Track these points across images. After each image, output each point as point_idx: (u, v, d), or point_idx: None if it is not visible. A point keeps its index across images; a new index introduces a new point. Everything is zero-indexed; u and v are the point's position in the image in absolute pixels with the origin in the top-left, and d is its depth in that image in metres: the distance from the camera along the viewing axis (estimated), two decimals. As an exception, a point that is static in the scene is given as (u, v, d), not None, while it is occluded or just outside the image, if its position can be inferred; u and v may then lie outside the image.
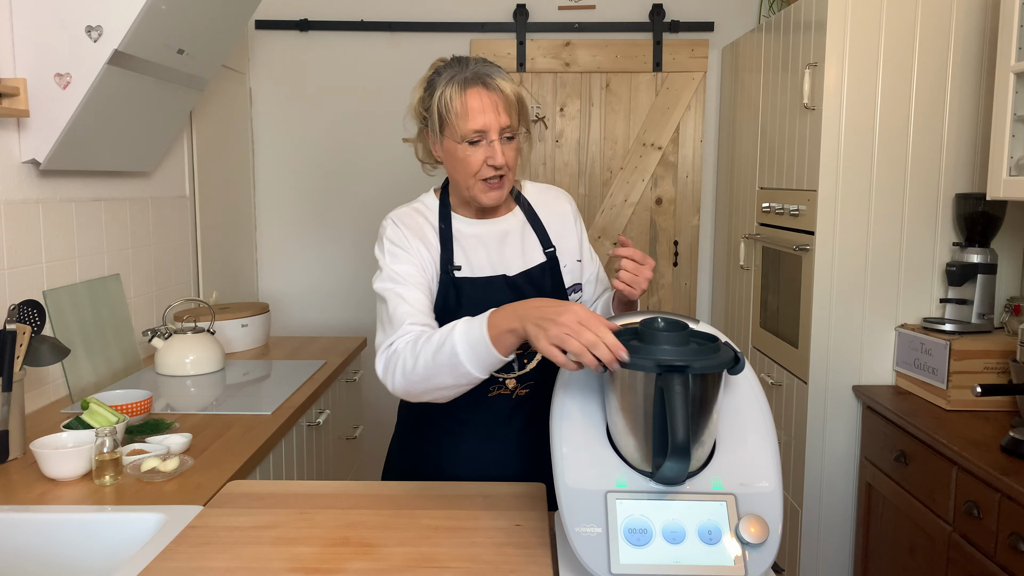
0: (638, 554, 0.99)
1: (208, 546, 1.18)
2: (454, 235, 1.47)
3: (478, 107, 1.35)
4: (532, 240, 1.50)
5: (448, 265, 1.44)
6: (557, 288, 1.49)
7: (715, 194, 3.52)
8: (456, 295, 1.43)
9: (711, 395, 1.03)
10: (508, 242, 1.49)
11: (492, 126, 1.36)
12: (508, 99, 1.37)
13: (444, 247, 1.45)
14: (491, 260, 1.46)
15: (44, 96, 1.92)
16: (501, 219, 1.51)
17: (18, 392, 1.60)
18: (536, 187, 1.58)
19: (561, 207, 1.56)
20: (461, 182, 1.42)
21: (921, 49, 2.22)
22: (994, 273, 2.16)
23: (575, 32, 3.40)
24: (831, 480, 2.38)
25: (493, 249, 1.47)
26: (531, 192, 1.56)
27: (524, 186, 1.57)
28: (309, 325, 3.58)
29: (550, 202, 1.56)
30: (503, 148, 1.37)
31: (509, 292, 1.44)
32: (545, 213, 1.54)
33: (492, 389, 1.47)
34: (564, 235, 1.54)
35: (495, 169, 1.38)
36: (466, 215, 1.49)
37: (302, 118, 3.49)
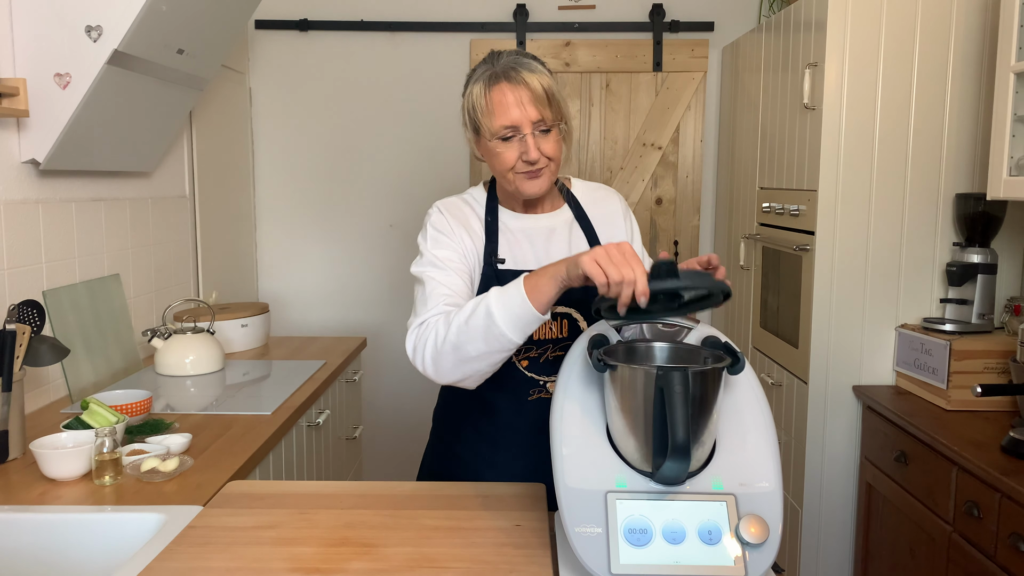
0: (638, 554, 0.99)
1: (208, 546, 1.18)
2: (500, 228, 1.45)
3: (504, 103, 1.32)
4: (580, 238, 1.47)
5: (492, 257, 1.42)
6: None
7: (715, 194, 3.52)
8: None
9: (711, 395, 1.03)
10: (555, 239, 1.46)
11: (522, 121, 1.32)
12: (535, 92, 1.32)
13: (489, 239, 1.43)
14: (536, 255, 1.43)
15: (44, 96, 1.92)
16: (548, 215, 1.48)
17: (18, 392, 1.60)
18: (586, 185, 1.55)
19: (611, 205, 1.53)
20: (502, 177, 1.39)
21: (921, 49, 2.22)
22: (994, 273, 2.16)
23: (575, 32, 3.40)
24: (831, 480, 2.38)
25: (539, 245, 1.45)
26: (580, 190, 1.53)
27: (573, 183, 1.54)
28: (309, 325, 3.58)
29: (600, 200, 1.53)
30: (538, 141, 1.33)
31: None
32: (594, 211, 1.51)
33: (532, 393, 1.44)
34: (613, 235, 1.50)
35: (530, 164, 1.35)
36: (513, 209, 1.47)
37: (302, 118, 3.49)
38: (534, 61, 1.36)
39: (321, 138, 3.50)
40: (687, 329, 1.19)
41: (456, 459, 1.53)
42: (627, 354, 1.14)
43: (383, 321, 3.54)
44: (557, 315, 1.42)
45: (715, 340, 1.12)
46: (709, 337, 1.14)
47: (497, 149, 1.35)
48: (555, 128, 1.36)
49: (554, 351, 1.44)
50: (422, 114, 3.46)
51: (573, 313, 1.42)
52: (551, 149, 1.36)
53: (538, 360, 1.44)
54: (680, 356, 1.14)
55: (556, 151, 1.37)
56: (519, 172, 1.36)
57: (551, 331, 1.42)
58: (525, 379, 1.44)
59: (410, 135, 3.48)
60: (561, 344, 1.43)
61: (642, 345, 1.16)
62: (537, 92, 1.32)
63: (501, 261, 1.42)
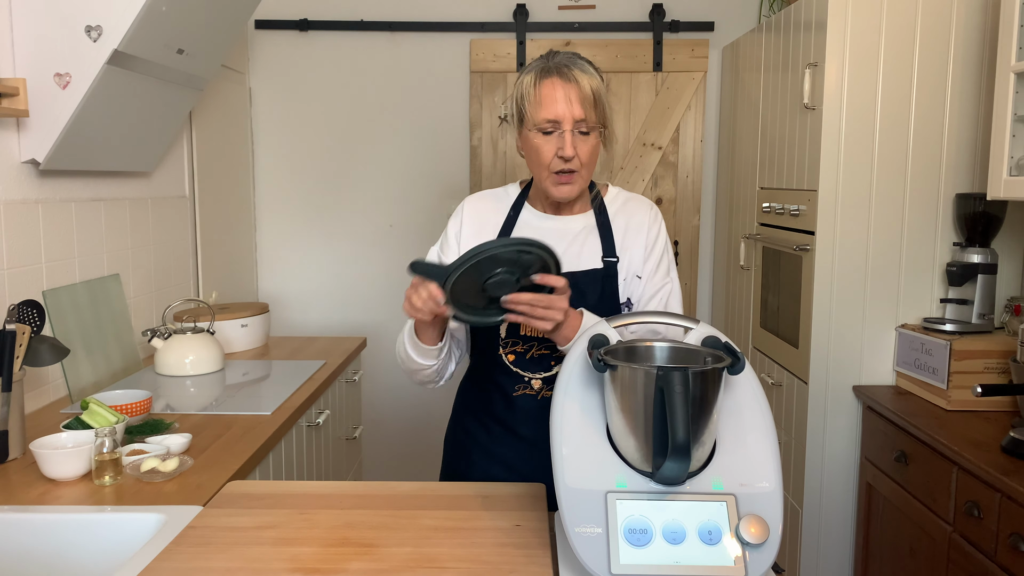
0: (638, 554, 0.99)
1: (208, 546, 1.18)
2: (518, 224, 1.49)
3: (552, 96, 1.35)
4: (593, 245, 1.46)
5: None
6: (609, 298, 1.44)
7: (715, 194, 3.52)
8: None
9: (711, 395, 1.03)
10: (570, 242, 1.46)
11: (565, 116, 1.35)
12: (584, 92, 1.35)
13: (503, 232, 1.48)
14: None
15: (44, 96, 1.92)
16: (572, 218, 1.49)
17: (18, 392, 1.59)
18: (623, 195, 1.53)
19: (638, 218, 1.49)
20: (536, 173, 1.43)
21: (921, 49, 2.22)
22: (994, 273, 2.16)
23: (575, 32, 3.40)
24: (831, 480, 2.38)
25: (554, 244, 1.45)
26: (614, 198, 1.52)
27: (609, 191, 1.53)
28: (309, 325, 3.58)
29: (630, 211, 1.50)
30: (575, 141, 1.36)
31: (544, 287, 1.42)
32: (620, 221, 1.49)
33: (517, 388, 1.47)
34: (632, 247, 1.47)
35: (565, 161, 1.36)
36: (539, 209, 1.50)
37: (302, 118, 3.49)
38: (588, 64, 1.39)
39: (321, 138, 3.49)
40: (687, 329, 1.19)
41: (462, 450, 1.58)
42: (627, 354, 1.14)
43: (383, 321, 3.54)
44: None
45: (715, 340, 1.12)
46: (709, 337, 1.14)
47: (536, 141, 1.38)
48: (595, 132, 1.38)
49: (539, 349, 1.45)
50: (422, 114, 3.46)
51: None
52: (586, 152, 1.38)
53: (524, 356, 1.46)
54: (680, 356, 1.14)
55: (591, 156, 1.39)
56: (553, 172, 1.39)
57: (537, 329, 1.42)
58: (511, 374, 1.47)
59: (410, 135, 3.48)
60: (546, 343, 1.44)
61: (642, 345, 1.16)
62: (585, 91, 1.35)
63: None
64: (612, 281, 1.45)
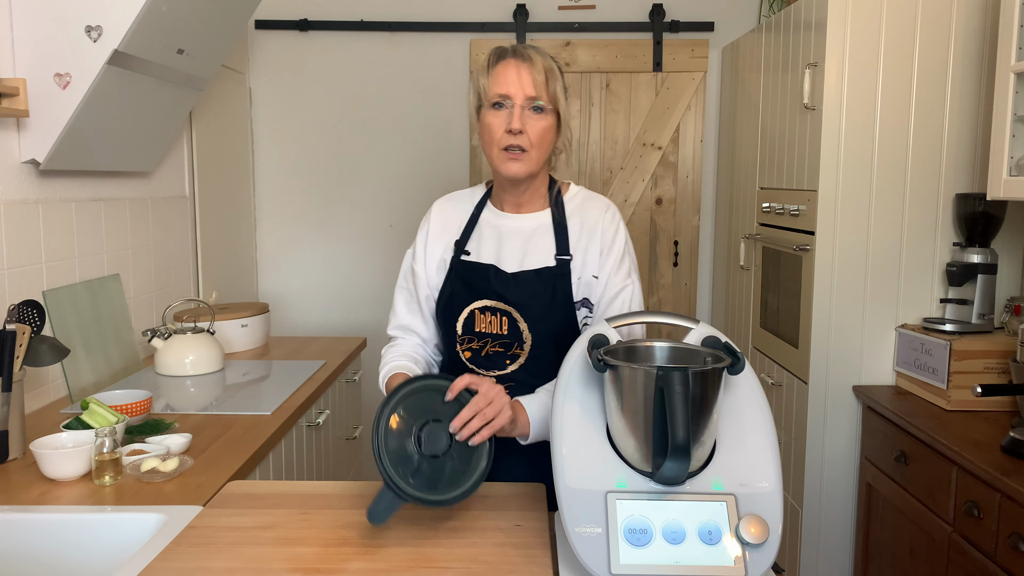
0: (638, 554, 0.99)
1: (208, 546, 1.18)
2: (479, 223, 1.51)
3: (505, 74, 1.38)
4: (547, 242, 1.46)
5: (459, 248, 1.49)
6: (562, 296, 1.43)
7: (715, 194, 3.52)
8: (455, 277, 1.48)
9: (711, 395, 1.03)
10: (524, 239, 1.47)
11: (516, 92, 1.37)
12: (536, 70, 1.37)
13: (465, 231, 1.50)
14: (497, 251, 1.46)
15: (44, 96, 1.92)
16: (529, 216, 1.49)
17: (18, 392, 1.59)
18: (584, 194, 1.53)
19: (595, 217, 1.48)
20: (488, 154, 1.43)
21: (921, 49, 2.22)
22: (994, 273, 2.16)
23: (575, 32, 3.40)
24: (831, 480, 2.38)
25: (506, 242, 1.47)
26: (573, 196, 1.52)
27: (570, 189, 1.53)
28: (309, 325, 3.58)
29: (587, 211, 1.49)
30: (524, 116, 1.37)
31: (498, 284, 1.43)
32: (576, 220, 1.48)
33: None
34: (587, 247, 1.45)
35: (513, 135, 1.37)
36: (499, 207, 1.51)
37: (302, 118, 3.49)
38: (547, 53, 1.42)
39: (321, 138, 3.50)
40: (688, 329, 1.19)
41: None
42: (627, 354, 1.14)
43: (383, 321, 3.50)
44: (498, 311, 1.43)
45: (715, 340, 1.12)
46: (709, 337, 1.14)
47: (487, 119, 1.40)
48: (548, 114, 1.39)
49: (494, 346, 1.45)
50: (422, 114, 3.46)
51: (513, 312, 1.42)
52: (537, 131, 1.39)
53: (479, 352, 1.46)
54: (680, 356, 1.14)
55: (541, 136, 1.40)
56: (502, 149, 1.40)
57: (491, 325, 1.44)
58: (467, 370, 1.47)
59: (410, 135, 3.48)
60: (499, 340, 1.44)
61: (642, 345, 1.16)
62: (537, 69, 1.38)
63: (466, 253, 1.49)
64: (565, 280, 1.43)
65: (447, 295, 1.48)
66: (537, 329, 1.42)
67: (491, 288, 1.43)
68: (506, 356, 1.44)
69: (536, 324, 1.42)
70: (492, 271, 1.44)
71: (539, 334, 1.42)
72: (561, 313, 1.43)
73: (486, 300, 1.44)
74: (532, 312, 1.42)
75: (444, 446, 1.18)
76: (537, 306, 1.41)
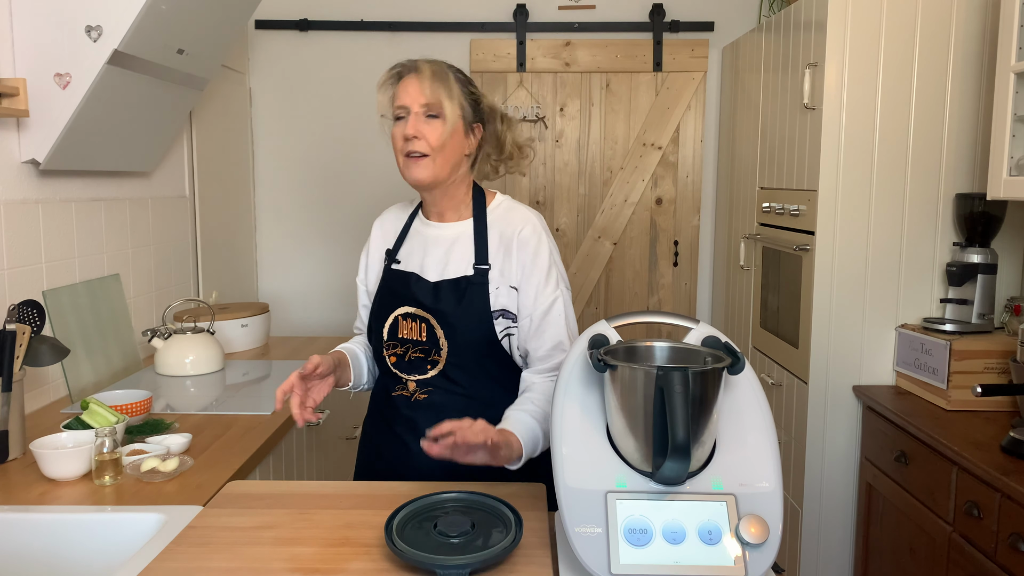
0: (638, 554, 0.99)
1: (208, 546, 1.18)
2: (409, 233, 1.56)
3: (403, 87, 1.43)
4: (466, 251, 1.47)
5: (389, 258, 1.55)
6: (478, 305, 1.43)
7: (715, 194, 3.52)
8: (383, 284, 1.53)
9: (711, 395, 1.03)
10: (447, 248, 1.49)
11: (412, 103, 1.41)
12: (423, 77, 1.41)
13: (398, 240, 1.56)
14: (423, 261, 1.50)
15: (44, 96, 1.92)
16: (452, 224, 1.51)
17: (18, 392, 1.60)
18: (509, 204, 1.52)
19: (515, 228, 1.46)
20: (397, 164, 1.47)
21: (921, 49, 2.22)
22: (994, 273, 2.16)
23: (575, 32, 3.40)
24: (831, 480, 2.38)
25: (431, 251, 1.50)
26: (497, 206, 1.52)
27: (495, 198, 1.53)
28: (309, 325, 3.58)
29: (511, 221, 1.48)
30: (418, 123, 1.41)
31: (418, 292, 1.46)
32: (496, 230, 1.47)
33: (395, 388, 1.50)
34: (505, 257, 1.45)
35: (409, 142, 1.42)
36: (427, 217, 1.55)
37: (302, 118, 3.49)
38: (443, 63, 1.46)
39: (321, 138, 3.50)
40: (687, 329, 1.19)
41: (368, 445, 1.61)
42: (627, 354, 1.14)
43: (383, 321, 3.53)
44: (417, 318, 1.45)
45: (715, 340, 1.12)
46: (709, 337, 1.14)
47: (391, 131, 1.46)
48: (447, 120, 1.42)
49: (414, 351, 1.46)
50: (422, 114, 3.45)
51: (431, 319, 1.44)
52: (432, 134, 1.42)
53: (403, 358, 1.48)
54: (680, 356, 1.14)
55: (440, 140, 1.42)
56: (404, 155, 1.44)
57: (412, 331, 1.46)
58: (391, 374, 1.50)
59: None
60: (419, 347, 1.45)
61: (642, 345, 1.16)
62: (425, 76, 1.42)
63: (397, 262, 1.54)
64: (483, 288, 1.43)
65: (377, 301, 1.54)
66: (454, 337, 1.43)
67: (412, 295, 1.47)
68: (426, 362, 1.46)
69: (453, 332, 1.43)
70: (414, 279, 1.48)
71: (456, 342, 1.43)
72: (477, 321, 1.43)
73: (407, 307, 1.47)
74: (449, 320, 1.43)
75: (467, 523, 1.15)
76: (454, 314, 1.43)
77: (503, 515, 1.19)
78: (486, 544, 1.11)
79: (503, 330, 1.44)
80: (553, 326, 1.43)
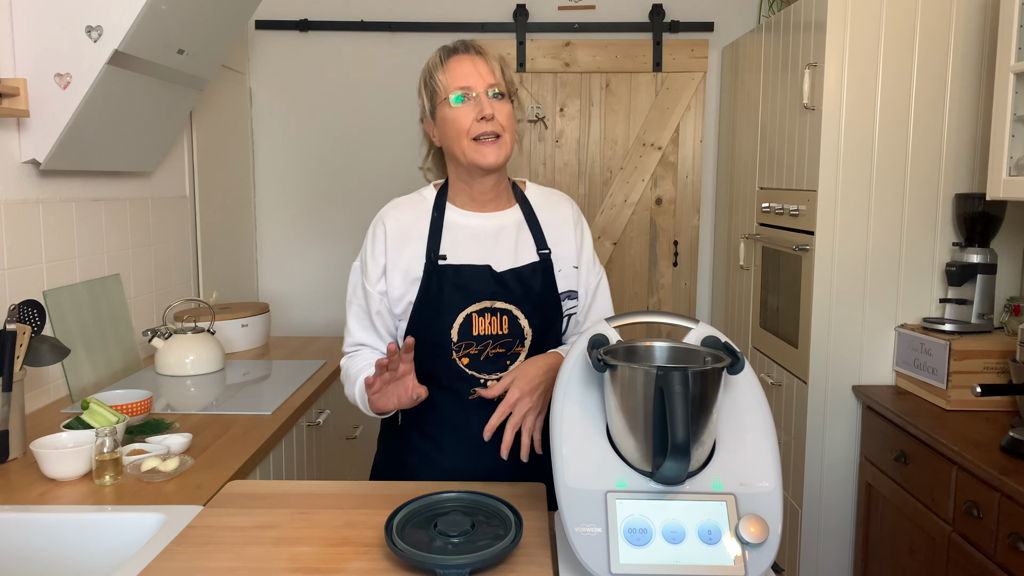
0: (638, 554, 0.99)
1: (208, 546, 1.18)
2: (445, 225, 1.45)
3: (461, 67, 1.39)
4: (527, 239, 1.47)
5: (433, 254, 1.42)
6: (548, 290, 1.44)
7: (715, 194, 3.52)
8: (438, 283, 1.40)
9: (711, 395, 1.03)
10: (502, 238, 1.46)
11: (477, 84, 1.38)
12: (490, 60, 1.40)
13: (432, 236, 1.43)
14: (480, 252, 1.43)
15: (44, 96, 1.92)
16: (497, 214, 1.47)
17: (18, 392, 1.60)
18: (540, 189, 1.55)
19: (562, 211, 1.51)
20: (457, 147, 1.39)
21: (921, 49, 2.22)
22: (994, 273, 2.16)
23: (575, 32, 3.40)
24: (831, 480, 2.38)
25: (484, 243, 1.44)
26: (533, 192, 1.54)
27: (527, 186, 1.55)
28: (309, 325, 3.58)
29: (552, 204, 1.52)
30: (492, 103, 1.38)
31: (494, 284, 1.41)
32: (545, 215, 1.50)
33: (473, 392, 1.41)
34: (562, 240, 1.48)
35: (487, 122, 1.36)
36: (462, 207, 1.47)
37: (302, 118, 3.49)
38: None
39: (321, 138, 3.50)
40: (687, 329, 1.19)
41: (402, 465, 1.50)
42: (627, 354, 1.14)
43: (383, 321, 3.53)
44: (497, 311, 1.40)
45: (715, 340, 1.12)
46: (709, 337, 1.14)
47: (452, 114, 1.38)
48: (508, 99, 1.41)
49: (494, 347, 1.41)
50: (422, 114, 3.45)
51: (513, 310, 1.41)
52: (505, 115, 1.39)
53: (478, 357, 1.41)
54: (680, 356, 1.14)
55: (510, 119, 1.40)
56: (473, 139, 1.38)
57: (491, 327, 1.40)
58: (465, 377, 1.41)
59: (410, 135, 3.48)
60: (501, 341, 1.41)
61: (642, 345, 1.16)
62: (491, 59, 1.41)
63: (442, 257, 1.42)
64: (550, 273, 1.45)
65: (431, 304, 1.40)
66: (536, 324, 1.43)
67: (488, 289, 1.40)
68: (507, 356, 1.42)
69: (535, 319, 1.42)
70: (486, 271, 1.41)
71: (538, 329, 1.43)
72: (553, 305, 1.45)
73: (484, 302, 1.40)
74: (529, 308, 1.42)
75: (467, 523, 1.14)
76: (535, 302, 1.42)
77: (503, 515, 1.19)
78: (486, 544, 1.11)
79: (567, 311, 1.47)
80: (601, 299, 1.52)
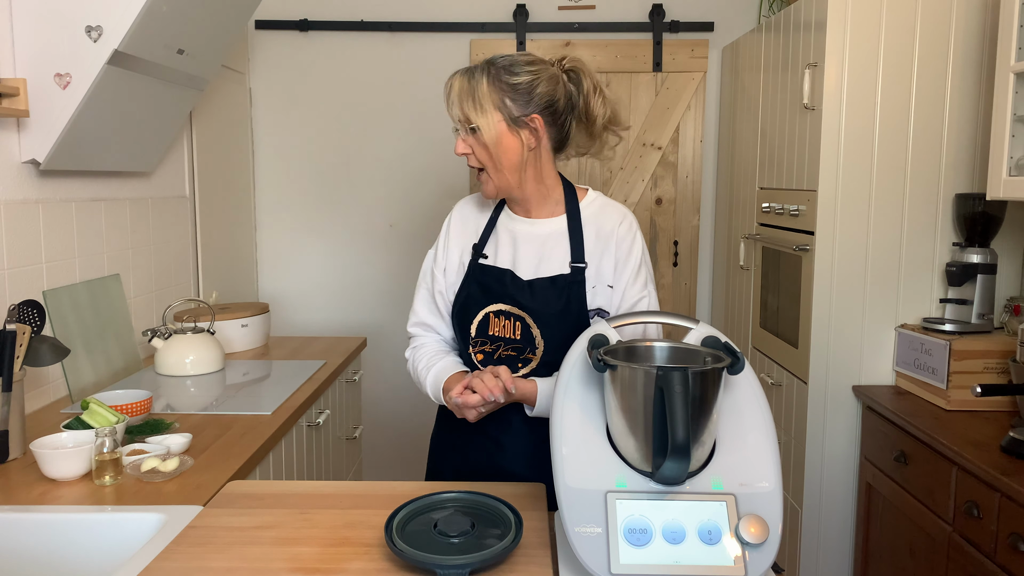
0: (638, 554, 0.99)
1: (208, 546, 1.18)
2: (496, 227, 1.52)
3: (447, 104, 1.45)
4: (562, 250, 1.45)
5: (476, 251, 1.50)
6: (576, 304, 1.42)
7: (715, 194, 3.52)
8: (471, 279, 1.48)
9: (711, 395, 1.03)
10: (539, 245, 1.46)
11: (454, 120, 1.43)
12: (452, 93, 1.42)
13: (482, 235, 1.52)
14: (514, 256, 1.47)
15: (44, 96, 1.92)
16: (543, 221, 1.49)
17: (18, 392, 1.60)
18: (599, 200, 1.51)
19: (611, 226, 1.46)
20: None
21: (921, 49, 2.22)
22: (994, 273, 2.16)
23: (575, 32, 3.40)
24: (831, 480, 2.38)
25: (521, 248, 1.47)
26: (590, 203, 1.50)
27: (587, 195, 1.52)
28: (309, 325, 3.58)
29: (604, 219, 1.47)
30: (465, 140, 1.43)
31: (512, 289, 1.43)
32: (591, 227, 1.46)
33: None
34: (602, 255, 1.44)
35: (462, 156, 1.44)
36: (515, 212, 1.52)
37: (302, 118, 3.49)
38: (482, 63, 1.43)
39: (321, 138, 3.50)
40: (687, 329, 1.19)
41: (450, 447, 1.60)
42: (627, 354, 1.14)
43: (383, 321, 3.54)
44: (512, 316, 1.43)
45: (715, 340, 1.13)
46: (709, 337, 1.14)
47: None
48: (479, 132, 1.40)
49: (506, 349, 1.45)
50: (422, 114, 3.46)
51: (526, 318, 1.43)
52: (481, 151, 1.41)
53: (492, 356, 1.47)
54: (680, 356, 1.14)
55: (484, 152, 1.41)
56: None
57: (504, 329, 1.44)
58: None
59: (410, 135, 3.48)
60: (513, 345, 1.44)
61: (642, 345, 1.16)
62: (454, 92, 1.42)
63: (484, 256, 1.50)
64: (580, 287, 1.42)
65: (463, 297, 1.48)
66: (550, 336, 1.41)
67: (507, 293, 1.43)
68: (518, 360, 1.44)
69: (549, 331, 1.41)
70: (508, 276, 1.45)
71: (552, 341, 1.41)
72: (575, 321, 1.41)
73: (501, 304, 1.44)
74: (545, 319, 1.41)
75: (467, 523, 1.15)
76: (551, 313, 1.41)
77: (503, 515, 1.19)
78: (486, 544, 1.11)
79: None
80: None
